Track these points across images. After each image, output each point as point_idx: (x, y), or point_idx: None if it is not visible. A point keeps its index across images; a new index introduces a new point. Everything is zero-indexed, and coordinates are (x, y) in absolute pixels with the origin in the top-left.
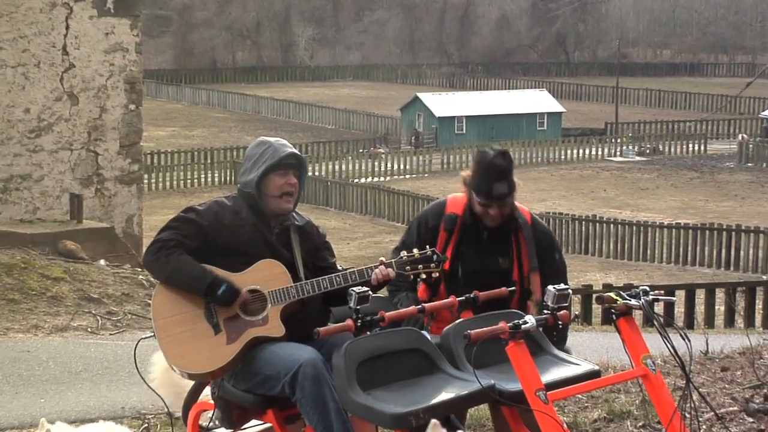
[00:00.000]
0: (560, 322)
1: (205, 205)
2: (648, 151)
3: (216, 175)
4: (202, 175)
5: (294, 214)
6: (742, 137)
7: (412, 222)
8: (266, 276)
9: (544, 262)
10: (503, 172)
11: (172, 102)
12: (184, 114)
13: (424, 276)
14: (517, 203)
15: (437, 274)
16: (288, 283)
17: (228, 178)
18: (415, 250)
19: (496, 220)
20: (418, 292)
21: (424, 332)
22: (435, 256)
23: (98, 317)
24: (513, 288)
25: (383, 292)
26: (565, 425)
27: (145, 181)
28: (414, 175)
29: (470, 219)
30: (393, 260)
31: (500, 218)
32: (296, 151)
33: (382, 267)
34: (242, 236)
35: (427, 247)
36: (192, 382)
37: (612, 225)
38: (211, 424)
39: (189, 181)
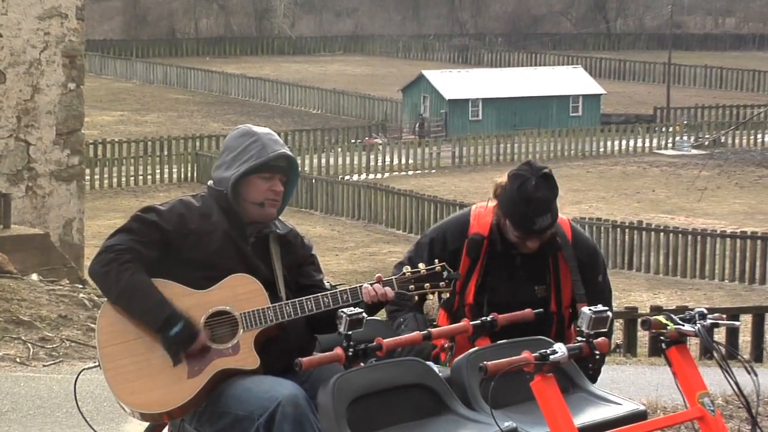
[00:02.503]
0: (597, 352)
1: (168, 205)
2: (707, 142)
3: (174, 170)
4: (158, 171)
5: (275, 221)
6: None
7: (424, 237)
8: (238, 294)
9: (585, 284)
10: (547, 204)
11: (120, 80)
12: (135, 95)
13: (431, 297)
14: None
15: (448, 295)
16: (264, 303)
17: (189, 174)
18: (421, 265)
19: (534, 249)
20: (437, 319)
21: (430, 363)
22: (445, 273)
23: (29, 344)
24: (540, 309)
25: (381, 315)
26: None
27: (87, 177)
28: (418, 171)
29: (500, 243)
30: (394, 277)
31: (539, 246)
32: (288, 152)
33: (378, 285)
34: (211, 245)
35: (436, 261)
36: (145, 424)
37: (662, 234)
38: None
39: (141, 177)
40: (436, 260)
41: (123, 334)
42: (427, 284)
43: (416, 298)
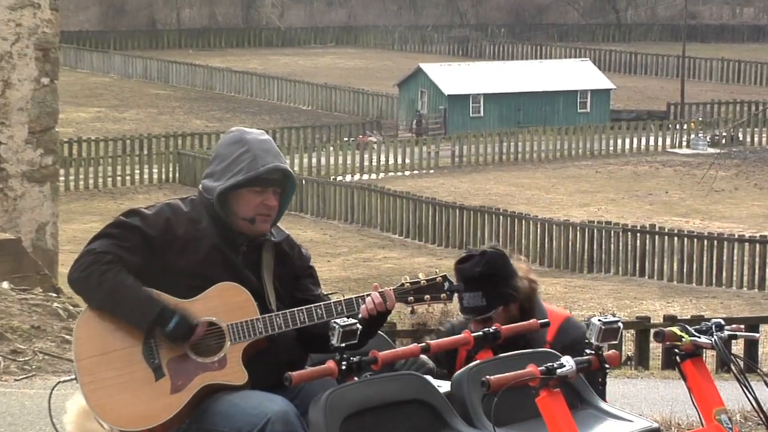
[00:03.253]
0: (607, 366)
1: (154, 209)
2: (724, 140)
3: (155, 170)
4: (137, 171)
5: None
6: None
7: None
8: (224, 305)
9: None
10: (473, 281)
11: (97, 74)
12: (113, 90)
13: (432, 310)
14: (548, 306)
15: (449, 306)
16: (253, 314)
17: (171, 175)
18: (421, 275)
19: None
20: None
21: (429, 378)
22: (446, 284)
23: (0, 358)
24: (546, 320)
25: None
26: None
27: (62, 178)
28: (415, 172)
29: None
30: (392, 288)
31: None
32: (283, 165)
33: (376, 294)
34: (198, 253)
35: (436, 272)
36: None
37: (676, 238)
38: None
39: (119, 178)
40: (437, 270)
41: (103, 346)
42: (427, 296)
43: (412, 309)
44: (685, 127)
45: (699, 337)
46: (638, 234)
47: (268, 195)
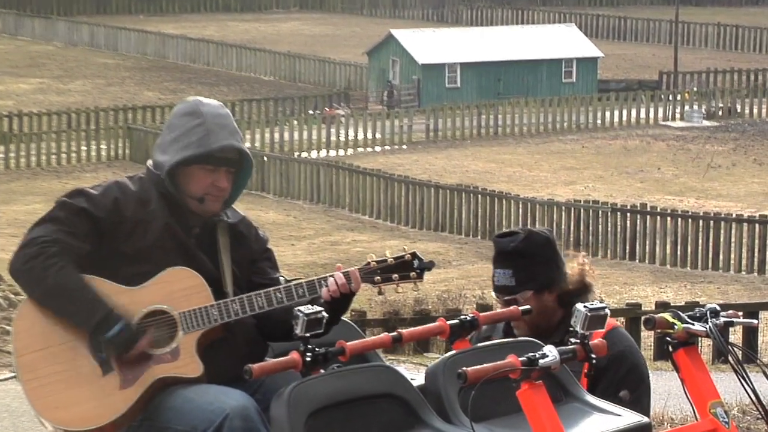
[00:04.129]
0: (594, 356)
1: (100, 188)
2: (720, 112)
3: (103, 146)
4: (84, 148)
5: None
6: None
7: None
8: (176, 291)
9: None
10: (509, 257)
11: (38, 42)
12: (56, 59)
13: (401, 290)
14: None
15: (419, 287)
16: (207, 301)
17: (121, 152)
18: (388, 252)
19: (520, 328)
20: None
21: (401, 369)
22: (416, 261)
23: None
24: (527, 307)
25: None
26: None
27: (1, 155)
28: (387, 147)
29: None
30: (357, 268)
31: (523, 327)
32: (241, 145)
33: (339, 275)
34: (147, 236)
35: (404, 249)
36: None
37: (669, 219)
38: None
39: (65, 155)
40: (405, 248)
41: (45, 339)
42: (396, 275)
43: (380, 291)
44: (678, 98)
45: (692, 324)
46: (628, 214)
47: (220, 175)
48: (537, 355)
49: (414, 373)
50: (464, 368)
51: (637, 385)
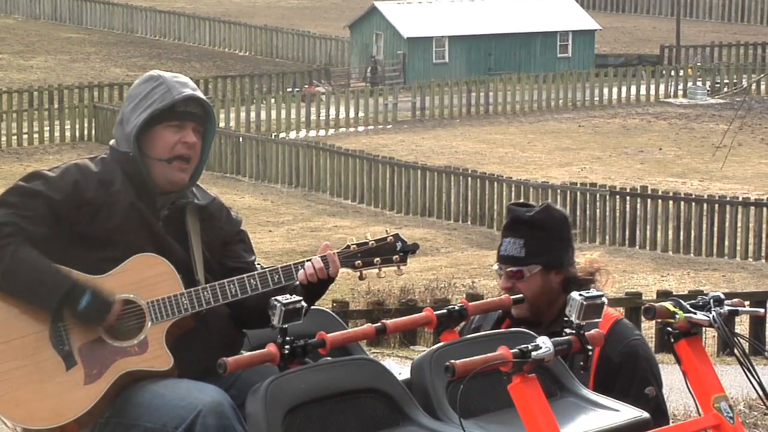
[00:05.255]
0: (590, 347)
1: (58, 171)
2: (726, 89)
3: (68, 126)
4: (47, 128)
5: (194, 189)
6: None
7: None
8: (143, 279)
9: (616, 397)
10: (520, 225)
11: None
12: (17, 33)
13: (383, 275)
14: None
15: (401, 270)
16: (177, 289)
17: (86, 132)
18: (369, 235)
19: (519, 310)
20: None
21: (387, 363)
22: (399, 244)
23: None
24: (520, 296)
25: (324, 302)
26: None
27: None
28: (371, 127)
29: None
30: (335, 250)
31: (524, 305)
32: (200, 95)
33: (317, 259)
34: (111, 219)
35: (386, 231)
36: None
37: (671, 202)
38: None
39: (26, 136)
40: (387, 230)
41: (4, 333)
42: (377, 258)
43: (361, 275)
44: (681, 73)
45: (695, 314)
46: (628, 197)
47: (187, 131)
48: (530, 347)
49: (400, 367)
50: (452, 361)
51: (656, 378)
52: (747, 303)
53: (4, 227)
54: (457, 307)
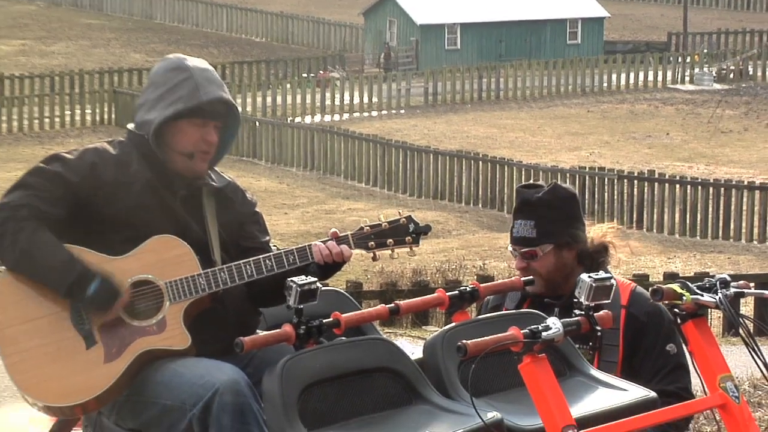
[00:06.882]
0: (599, 328)
1: (77, 153)
2: (732, 75)
3: (88, 111)
4: (68, 112)
5: (210, 172)
6: None
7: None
8: (162, 260)
9: (643, 353)
10: (531, 207)
11: (20, 1)
12: (38, 19)
13: (396, 256)
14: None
15: (415, 252)
16: (195, 269)
17: (106, 116)
18: (382, 217)
19: (536, 287)
20: None
21: (399, 342)
22: (411, 225)
23: None
24: (531, 277)
25: (338, 283)
26: None
27: None
28: (384, 112)
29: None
30: (349, 233)
31: (539, 281)
32: (229, 97)
33: (332, 243)
34: (129, 199)
35: (399, 213)
36: (53, 420)
37: (678, 186)
38: None
39: (48, 120)
40: (399, 212)
41: (26, 313)
42: (391, 240)
43: (374, 256)
44: (688, 60)
45: (702, 295)
46: (635, 181)
47: (209, 129)
48: (540, 328)
49: (412, 347)
50: (464, 341)
51: (678, 337)
52: (752, 285)
53: (22, 209)
54: (468, 289)
